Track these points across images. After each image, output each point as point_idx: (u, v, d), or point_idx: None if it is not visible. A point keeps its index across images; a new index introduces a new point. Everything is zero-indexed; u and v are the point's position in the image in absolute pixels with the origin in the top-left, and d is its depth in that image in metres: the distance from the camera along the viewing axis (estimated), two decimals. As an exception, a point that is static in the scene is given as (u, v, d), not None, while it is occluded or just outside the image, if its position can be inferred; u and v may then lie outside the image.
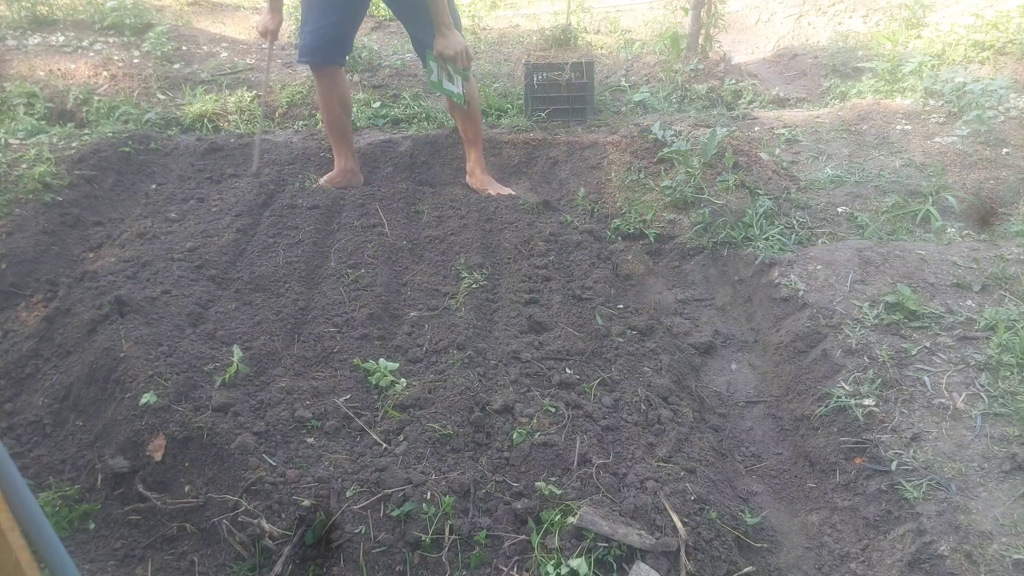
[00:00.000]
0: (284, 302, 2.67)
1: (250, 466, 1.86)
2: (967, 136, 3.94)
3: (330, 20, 3.41)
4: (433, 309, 2.67)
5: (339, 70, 3.63)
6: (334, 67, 3.59)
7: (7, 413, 2.29)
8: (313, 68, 3.59)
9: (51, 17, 5.86)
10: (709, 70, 5.27)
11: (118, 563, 1.83)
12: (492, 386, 2.23)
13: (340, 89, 3.65)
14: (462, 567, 1.68)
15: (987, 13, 5.57)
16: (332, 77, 3.60)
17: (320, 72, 3.57)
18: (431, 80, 3.51)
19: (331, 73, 3.59)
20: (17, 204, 3.37)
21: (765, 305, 2.91)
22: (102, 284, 2.66)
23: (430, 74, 3.47)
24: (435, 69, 3.42)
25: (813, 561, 1.98)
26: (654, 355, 2.53)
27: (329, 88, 3.61)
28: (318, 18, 3.41)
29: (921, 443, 2.08)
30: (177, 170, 3.98)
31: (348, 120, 3.78)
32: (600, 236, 3.41)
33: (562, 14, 6.09)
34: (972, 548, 1.77)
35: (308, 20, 3.47)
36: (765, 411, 2.56)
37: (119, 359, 2.19)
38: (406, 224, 3.29)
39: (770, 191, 3.49)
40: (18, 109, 4.45)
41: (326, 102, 3.66)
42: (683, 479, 1.91)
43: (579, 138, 4.10)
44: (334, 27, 3.44)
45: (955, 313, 2.56)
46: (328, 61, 3.54)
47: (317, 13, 3.41)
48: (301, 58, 3.57)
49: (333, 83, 3.61)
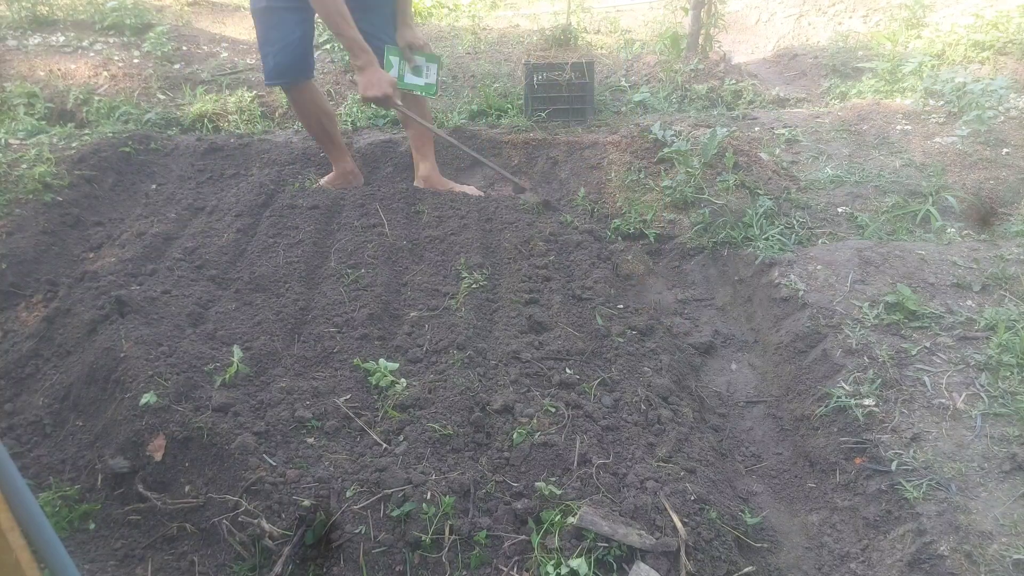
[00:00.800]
0: (284, 302, 2.67)
1: (250, 466, 1.86)
2: (967, 136, 3.94)
3: (296, 36, 3.31)
4: (433, 309, 2.67)
5: (312, 82, 3.56)
6: (309, 81, 3.51)
7: (7, 413, 2.29)
8: (288, 88, 3.49)
9: (51, 17, 5.86)
10: (709, 70, 5.27)
11: (118, 563, 1.83)
12: (492, 386, 2.23)
13: (318, 99, 3.59)
14: (462, 567, 1.68)
15: (987, 13, 5.58)
16: (309, 91, 3.52)
17: (298, 89, 3.48)
18: None
19: (307, 87, 3.51)
20: (17, 204, 3.37)
21: (765, 305, 2.91)
22: (102, 284, 2.66)
23: (389, 69, 3.29)
24: (396, 64, 3.29)
25: (813, 561, 1.99)
26: (654, 355, 2.53)
27: (308, 102, 3.52)
28: (285, 36, 3.30)
29: (921, 443, 2.08)
30: (177, 170, 3.98)
31: (334, 125, 3.70)
32: (600, 236, 3.41)
33: (562, 14, 6.09)
34: (972, 548, 1.77)
35: (273, 40, 3.32)
36: (765, 411, 2.56)
37: (119, 359, 2.19)
38: (406, 224, 3.29)
39: (770, 191, 3.49)
40: (18, 109, 4.46)
41: (308, 116, 3.57)
42: (683, 479, 1.91)
43: (579, 138, 4.10)
44: (301, 42, 3.34)
45: (955, 313, 2.56)
46: (305, 76, 3.46)
47: (283, 31, 3.29)
48: (274, 80, 3.44)
49: (310, 96, 3.53)
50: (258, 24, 3.33)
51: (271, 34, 3.31)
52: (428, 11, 7.56)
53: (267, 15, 3.27)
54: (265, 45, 3.34)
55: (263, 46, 3.35)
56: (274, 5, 3.23)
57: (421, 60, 3.37)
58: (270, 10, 3.25)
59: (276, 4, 3.23)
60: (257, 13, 3.29)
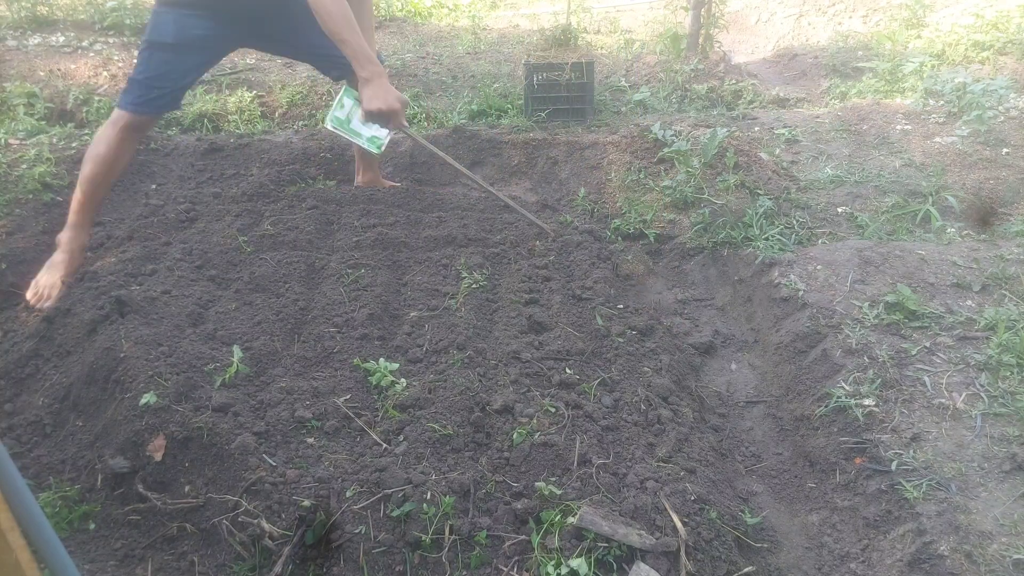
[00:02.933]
0: (284, 302, 2.67)
1: (250, 466, 1.86)
2: (967, 136, 3.94)
3: (190, 80, 2.99)
4: (433, 309, 2.67)
5: None
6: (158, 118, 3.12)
7: (7, 413, 2.29)
8: (140, 121, 2.92)
9: (51, 17, 5.86)
10: (709, 70, 5.27)
11: (118, 563, 1.83)
12: (492, 386, 2.23)
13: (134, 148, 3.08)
14: (462, 567, 1.68)
15: (987, 13, 5.58)
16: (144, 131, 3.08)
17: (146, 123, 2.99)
18: (333, 116, 2.97)
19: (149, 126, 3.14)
20: (17, 204, 3.37)
21: (765, 305, 2.91)
22: (102, 284, 2.66)
23: (339, 109, 2.96)
24: (348, 107, 2.96)
25: (813, 561, 1.99)
26: (654, 355, 2.53)
27: (132, 142, 2.97)
28: (181, 78, 2.92)
29: (921, 443, 2.08)
30: (177, 170, 3.98)
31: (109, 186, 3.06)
32: (600, 236, 3.41)
33: (562, 14, 6.09)
34: (972, 548, 1.77)
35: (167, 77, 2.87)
36: (765, 411, 2.56)
37: (119, 359, 2.19)
38: (406, 224, 3.29)
39: (770, 191, 3.49)
40: (18, 109, 4.45)
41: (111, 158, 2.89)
42: (683, 479, 1.91)
43: (579, 138, 4.10)
44: (193, 84, 2.99)
45: (955, 313, 2.56)
46: (171, 110, 3.08)
47: (182, 71, 2.91)
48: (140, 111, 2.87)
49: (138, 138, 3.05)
50: (153, 58, 2.83)
51: (167, 71, 2.84)
52: (428, 11, 7.56)
53: (167, 52, 2.83)
54: (153, 80, 2.83)
55: (151, 80, 2.83)
56: (182, 42, 2.81)
57: None
58: (175, 47, 2.82)
59: (185, 41, 2.82)
60: (156, 46, 2.82)
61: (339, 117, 2.99)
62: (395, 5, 7.29)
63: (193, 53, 2.89)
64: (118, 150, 2.89)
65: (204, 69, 3.09)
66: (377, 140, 3.06)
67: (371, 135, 3.03)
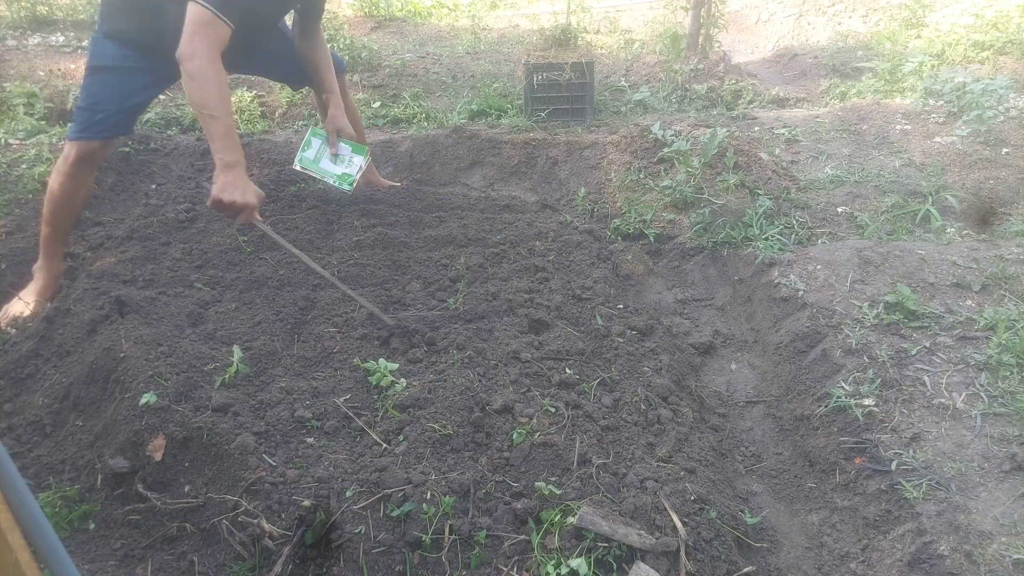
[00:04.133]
0: (284, 302, 2.67)
1: (250, 466, 1.86)
2: (967, 136, 3.94)
3: (137, 101, 2.84)
4: (433, 309, 2.67)
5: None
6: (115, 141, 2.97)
7: (7, 413, 2.29)
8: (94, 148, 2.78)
9: (51, 17, 5.86)
10: (709, 70, 5.27)
11: (118, 563, 1.83)
12: (492, 386, 2.23)
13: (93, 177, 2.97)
14: (462, 567, 1.68)
15: (987, 13, 5.59)
16: (102, 156, 2.92)
17: (103, 148, 2.83)
18: (301, 156, 2.93)
19: (109, 150, 2.96)
20: (17, 204, 3.37)
21: (765, 305, 2.91)
22: (102, 284, 2.66)
23: (306, 148, 2.91)
24: (316, 146, 2.94)
25: (813, 561, 1.99)
26: (654, 355, 2.53)
27: (91, 169, 2.86)
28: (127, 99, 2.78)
29: (921, 443, 2.08)
30: (177, 170, 3.98)
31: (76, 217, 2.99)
32: (600, 236, 3.41)
33: (562, 14, 6.08)
34: (972, 548, 1.77)
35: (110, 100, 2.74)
36: (765, 411, 2.56)
37: (119, 359, 2.19)
38: (406, 224, 3.29)
39: (770, 191, 3.49)
40: (18, 109, 4.45)
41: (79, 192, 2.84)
42: (683, 479, 1.91)
43: (579, 138, 4.10)
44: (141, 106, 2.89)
45: (955, 313, 2.56)
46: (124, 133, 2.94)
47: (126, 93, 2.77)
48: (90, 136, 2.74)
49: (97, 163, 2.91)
50: (95, 82, 2.73)
51: (109, 94, 2.73)
52: (428, 11, 7.56)
53: (108, 74, 2.72)
54: (96, 104, 2.72)
55: (94, 104, 2.72)
56: (123, 65, 2.71)
57: (346, 149, 3.05)
58: (115, 70, 2.71)
59: (126, 64, 2.72)
60: (97, 70, 2.72)
61: (307, 157, 2.98)
62: (395, 5, 7.29)
63: (136, 76, 2.76)
64: (72, 184, 2.78)
65: (153, 91, 2.92)
66: (349, 177, 3.01)
67: (341, 172, 3.00)
